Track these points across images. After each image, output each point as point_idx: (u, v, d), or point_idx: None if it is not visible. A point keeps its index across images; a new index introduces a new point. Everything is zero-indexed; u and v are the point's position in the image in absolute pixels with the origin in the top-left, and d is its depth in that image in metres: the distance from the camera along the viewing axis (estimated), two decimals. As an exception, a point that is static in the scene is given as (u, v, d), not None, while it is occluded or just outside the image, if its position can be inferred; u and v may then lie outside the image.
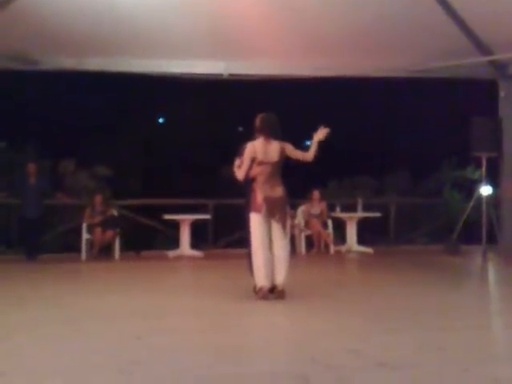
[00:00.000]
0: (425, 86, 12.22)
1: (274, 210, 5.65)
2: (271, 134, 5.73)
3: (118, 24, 8.19)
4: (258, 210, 5.66)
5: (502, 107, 9.87)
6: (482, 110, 10.24)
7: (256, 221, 5.68)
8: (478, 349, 4.09)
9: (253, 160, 5.68)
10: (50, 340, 4.36)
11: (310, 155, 5.79)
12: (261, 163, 5.68)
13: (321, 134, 5.77)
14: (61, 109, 15.23)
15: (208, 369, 3.67)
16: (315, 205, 10.15)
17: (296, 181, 10.99)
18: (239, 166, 5.77)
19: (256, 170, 5.69)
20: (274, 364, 3.77)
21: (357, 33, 8.54)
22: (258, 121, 5.84)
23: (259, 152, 5.68)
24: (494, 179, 10.10)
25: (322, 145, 5.80)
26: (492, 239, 9.73)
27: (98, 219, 9.36)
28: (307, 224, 10.11)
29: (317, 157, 5.86)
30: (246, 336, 4.45)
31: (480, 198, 9.81)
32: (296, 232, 10.07)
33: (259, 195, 5.67)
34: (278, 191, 5.70)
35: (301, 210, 10.20)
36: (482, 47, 9.02)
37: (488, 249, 9.43)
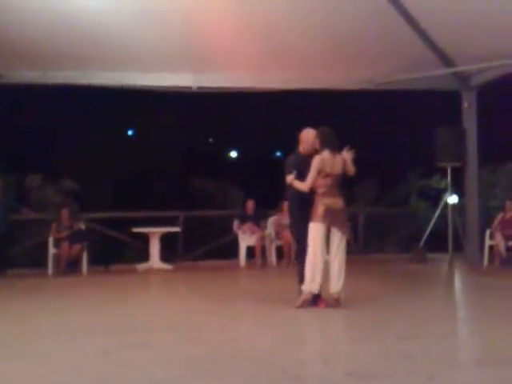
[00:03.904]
0: (391, 98, 12.44)
1: (335, 221, 5.79)
2: (335, 147, 5.87)
3: (85, 36, 8.14)
4: (318, 221, 5.75)
5: (465, 118, 10.09)
6: (446, 121, 10.47)
7: (316, 231, 5.75)
8: (443, 356, 4.15)
9: (319, 172, 5.77)
10: (14, 357, 4.26)
11: (353, 170, 6.02)
12: (327, 175, 5.78)
13: (350, 155, 5.97)
14: (27, 123, 15.03)
15: None
16: (285, 215, 10.15)
17: (266, 191, 11.09)
18: (296, 180, 5.85)
19: (320, 182, 5.78)
20: (244, 376, 3.76)
21: (324, 47, 8.67)
22: (320, 134, 5.93)
23: (328, 165, 5.79)
24: (459, 188, 10.31)
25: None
26: (458, 247, 9.92)
27: (64, 233, 9.23)
28: (277, 235, 10.15)
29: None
30: (217, 348, 4.43)
31: (446, 206, 10.00)
32: (266, 243, 10.11)
33: (320, 207, 5.75)
34: (339, 203, 5.84)
35: (271, 220, 10.24)
36: (445, 59, 9.24)
37: (454, 257, 9.61)
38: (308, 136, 6.07)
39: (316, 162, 5.76)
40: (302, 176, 5.85)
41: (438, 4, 7.61)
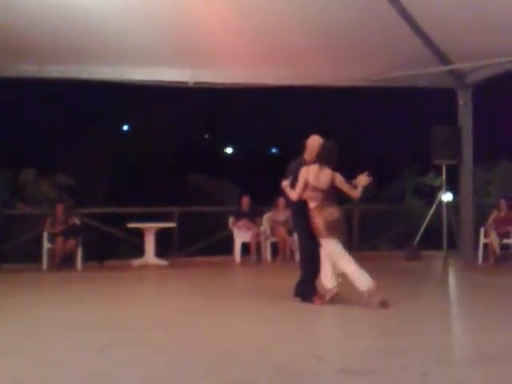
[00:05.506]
0: (387, 95, 12.46)
1: (335, 232, 5.86)
2: (325, 162, 5.88)
3: (82, 31, 8.10)
4: (328, 236, 5.81)
5: (460, 116, 10.10)
6: (441, 119, 10.49)
7: (333, 245, 5.82)
8: (438, 353, 4.16)
9: (305, 184, 5.82)
10: (9, 352, 4.26)
11: (356, 194, 6.08)
12: (314, 189, 5.83)
13: (364, 181, 6.03)
14: (22, 117, 14.97)
15: (170, 380, 3.65)
16: (280, 212, 10.20)
17: (261, 188, 11.09)
18: (289, 187, 5.90)
19: (309, 194, 5.83)
20: (239, 373, 3.77)
21: (319, 43, 8.65)
22: (318, 148, 5.97)
23: (311, 178, 5.83)
24: (454, 186, 10.33)
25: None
26: (452, 245, 9.95)
27: (59, 228, 9.21)
28: (272, 231, 10.16)
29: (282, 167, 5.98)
30: (212, 345, 4.43)
31: (441, 204, 10.02)
32: (261, 239, 10.12)
33: (320, 221, 5.80)
34: (335, 213, 5.87)
35: (266, 217, 10.25)
36: (441, 57, 9.24)
37: (448, 254, 9.64)
38: (313, 143, 6.06)
39: (301, 173, 5.85)
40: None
41: (435, 0, 7.60)
